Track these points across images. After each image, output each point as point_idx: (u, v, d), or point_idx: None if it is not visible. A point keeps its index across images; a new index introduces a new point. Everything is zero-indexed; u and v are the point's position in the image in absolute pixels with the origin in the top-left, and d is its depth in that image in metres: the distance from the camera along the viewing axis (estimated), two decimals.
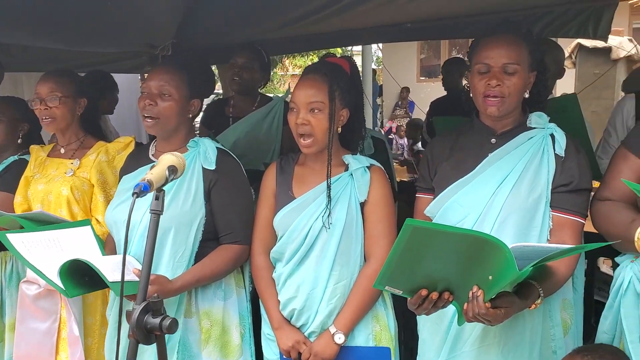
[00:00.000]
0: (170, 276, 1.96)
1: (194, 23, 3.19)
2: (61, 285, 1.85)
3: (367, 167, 1.97)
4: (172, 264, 1.99)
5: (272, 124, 3.05)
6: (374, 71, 11.21)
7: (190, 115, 2.11)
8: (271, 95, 3.50)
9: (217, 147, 2.08)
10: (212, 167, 2.02)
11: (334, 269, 1.93)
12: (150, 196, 1.36)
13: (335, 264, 1.92)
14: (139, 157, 2.18)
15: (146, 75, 5.24)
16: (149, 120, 2.01)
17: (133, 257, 2.01)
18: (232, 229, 2.05)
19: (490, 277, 1.49)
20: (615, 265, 3.23)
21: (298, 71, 20.92)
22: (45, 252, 1.95)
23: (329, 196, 1.91)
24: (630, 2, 4.66)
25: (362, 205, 1.95)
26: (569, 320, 1.88)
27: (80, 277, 1.86)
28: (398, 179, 4.38)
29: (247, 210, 2.09)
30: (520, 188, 1.77)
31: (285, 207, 1.98)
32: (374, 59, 12.94)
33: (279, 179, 2.06)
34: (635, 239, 1.56)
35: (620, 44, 6.89)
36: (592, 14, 4.25)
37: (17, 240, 1.96)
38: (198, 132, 2.18)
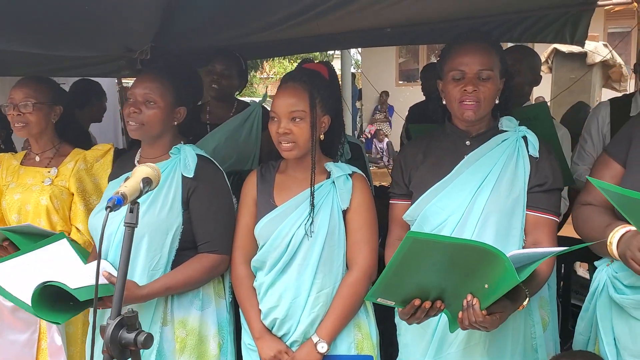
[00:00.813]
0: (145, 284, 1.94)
1: (172, 26, 3.15)
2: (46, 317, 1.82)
3: (349, 174, 1.97)
4: (147, 271, 1.97)
5: (251, 130, 3.03)
6: (353, 75, 11.24)
7: (176, 123, 2.09)
8: (248, 100, 3.47)
9: (198, 155, 2.06)
10: (191, 174, 2.00)
11: (316, 277, 1.91)
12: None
13: (318, 272, 1.91)
14: (125, 163, 2.16)
15: (123, 80, 5.21)
16: (132, 124, 2.00)
17: (111, 264, 1.98)
18: (210, 237, 2.02)
19: (486, 286, 1.50)
20: (592, 269, 3.27)
21: (274, 74, 20.93)
22: (25, 280, 1.89)
23: (312, 204, 1.90)
24: (605, 7, 4.73)
25: (344, 212, 1.94)
26: (547, 317, 1.93)
27: (62, 298, 1.80)
28: (378, 183, 4.39)
29: (227, 219, 2.06)
30: (500, 189, 1.79)
31: (267, 215, 1.96)
32: (353, 62, 12.98)
33: (260, 186, 2.04)
34: (608, 243, 1.60)
35: (595, 49, 7.01)
36: (569, 20, 4.31)
37: None
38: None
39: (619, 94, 9.12)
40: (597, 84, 7.49)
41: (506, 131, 1.87)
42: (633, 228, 1.56)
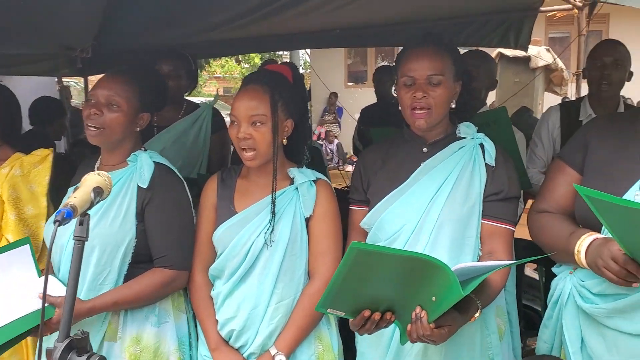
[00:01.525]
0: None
1: (116, 24, 3.05)
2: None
3: (313, 180, 1.91)
4: (94, 285, 1.86)
5: (200, 133, 2.95)
6: (302, 75, 11.21)
7: (138, 129, 1.98)
8: (198, 101, 3.39)
9: (157, 163, 1.95)
10: (145, 185, 1.89)
11: (276, 287, 1.85)
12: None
13: (278, 282, 1.85)
14: (86, 169, 2.01)
15: (64, 78, 5.01)
16: (92, 129, 1.88)
17: (60, 280, 1.87)
18: (166, 251, 1.91)
19: (433, 299, 1.47)
20: (541, 270, 3.33)
21: (221, 74, 20.69)
22: None
23: (273, 211, 1.84)
24: (547, 14, 4.88)
25: (307, 220, 1.88)
26: (503, 326, 1.90)
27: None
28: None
29: (184, 232, 1.96)
30: (455, 197, 1.77)
31: (226, 222, 1.89)
32: (302, 63, 12.97)
33: (220, 192, 1.96)
34: (575, 251, 1.57)
35: (538, 53, 7.25)
36: (512, 25, 4.42)
37: None
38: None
39: (560, 98, 9.49)
40: (540, 88, 7.73)
41: (464, 138, 1.84)
42: (600, 236, 1.55)
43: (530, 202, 2.23)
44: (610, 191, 1.49)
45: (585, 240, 1.56)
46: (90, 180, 1.31)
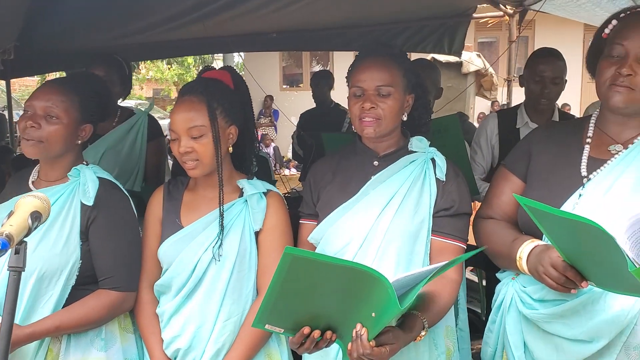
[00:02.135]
0: None
1: (41, 25, 2.89)
2: None
3: (263, 192, 1.85)
4: (35, 310, 1.73)
5: (136, 141, 2.84)
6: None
7: (79, 142, 1.86)
8: (133, 106, 3.26)
9: (101, 178, 1.84)
10: (90, 202, 1.77)
11: (223, 304, 1.78)
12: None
13: (226, 298, 1.78)
14: (19, 183, 1.89)
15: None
16: (28, 141, 1.75)
17: None
18: (112, 272, 1.80)
19: (373, 315, 1.42)
20: (479, 273, 3.40)
21: (150, 77, 20.17)
22: None
23: (221, 225, 1.77)
24: (481, 20, 5.02)
25: (257, 234, 1.82)
26: (452, 347, 1.87)
27: None
28: None
29: (131, 252, 1.86)
30: (404, 212, 1.74)
31: (172, 237, 1.81)
32: (235, 64, 12.81)
33: (166, 205, 1.87)
34: (517, 258, 1.59)
35: (470, 58, 7.47)
36: (446, 31, 4.53)
37: None
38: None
39: (489, 102, 9.82)
40: (472, 93, 7.98)
41: (416, 152, 1.82)
42: (542, 242, 1.58)
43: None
44: (552, 200, 1.53)
45: (526, 247, 1.58)
46: (27, 204, 1.21)
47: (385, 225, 1.73)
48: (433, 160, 1.80)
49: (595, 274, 1.38)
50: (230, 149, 1.83)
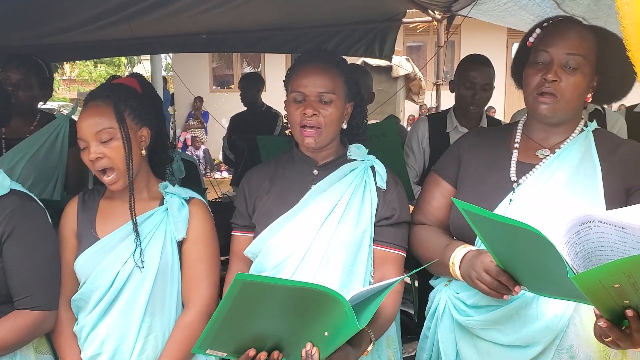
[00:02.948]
0: None
1: None
2: None
3: (185, 200, 1.77)
4: None
5: (55, 147, 2.69)
6: (165, 79, 10.82)
7: None
8: (51, 106, 3.09)
9: (13, 190, 1.69)
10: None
11: (144, 319, 1.68)
12: None
13: (147, 313, 1.69)
14: None
15: None
16: None
17: None
18: (29, 291, 1.66)
19: (326, 334, 1.39)
20: (412, 277, 3.43)
21: (76, 76, 19.42)
22: None
23: (136, 232, 1.68)
24: (410, 25, 5.13)
25: (180, 244, 1.74)
26: (393, 357, 1.87)
27: None
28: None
29: (49, 268, 1.72)
30: (346, 222, 1.70)
31: (88, 249, 1.70)
32: (164, 65, 12.49)
33: (81, 216, 1.76)
34: (450, 264, 1.60)
35: (399, 62, 7.61)
36: (377, 35, 4.60)
37: None
38: None
39: (418, 106, 10.05)
40: (402, 96, 8.13)
41: (355, 160, 1.79)
42: (474, 248, 1.58)
43: None
44: (483, 205, 1.52)
45: (459, 253, 1.58)
46: None
47: (327, 237, 1.68)
48: (372, 168, 1.77)
49: (528, 278, 1.39)
50: (144, 151, 1.75)
